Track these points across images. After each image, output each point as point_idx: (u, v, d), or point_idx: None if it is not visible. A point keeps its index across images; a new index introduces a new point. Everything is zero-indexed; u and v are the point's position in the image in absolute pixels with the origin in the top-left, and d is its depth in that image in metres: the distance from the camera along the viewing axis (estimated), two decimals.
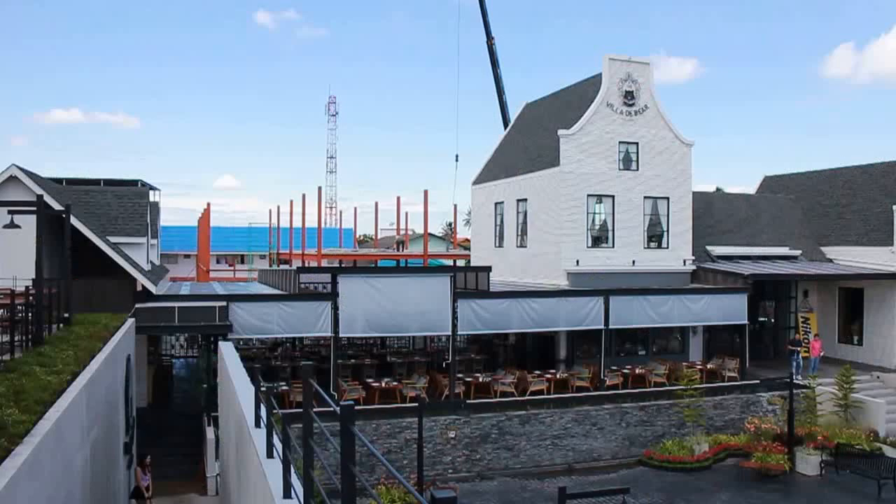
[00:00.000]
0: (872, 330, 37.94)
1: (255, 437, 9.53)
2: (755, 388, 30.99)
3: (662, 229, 35.04)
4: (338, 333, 26.62)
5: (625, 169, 34.09)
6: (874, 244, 38.40)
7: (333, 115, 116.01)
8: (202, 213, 68.46)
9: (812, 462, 26.55)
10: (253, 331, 26.41)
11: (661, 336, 34.34)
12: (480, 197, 42.52)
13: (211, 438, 22.63)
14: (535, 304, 28.88)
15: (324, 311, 26.31)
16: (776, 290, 39.97)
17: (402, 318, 27.13)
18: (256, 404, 10.58)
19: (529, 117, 43.07)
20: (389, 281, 27.38)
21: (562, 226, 33.11)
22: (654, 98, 34.79)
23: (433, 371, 30.49)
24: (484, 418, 26.41)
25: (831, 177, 44.52)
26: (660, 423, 28.84)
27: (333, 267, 42.41)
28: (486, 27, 57.74)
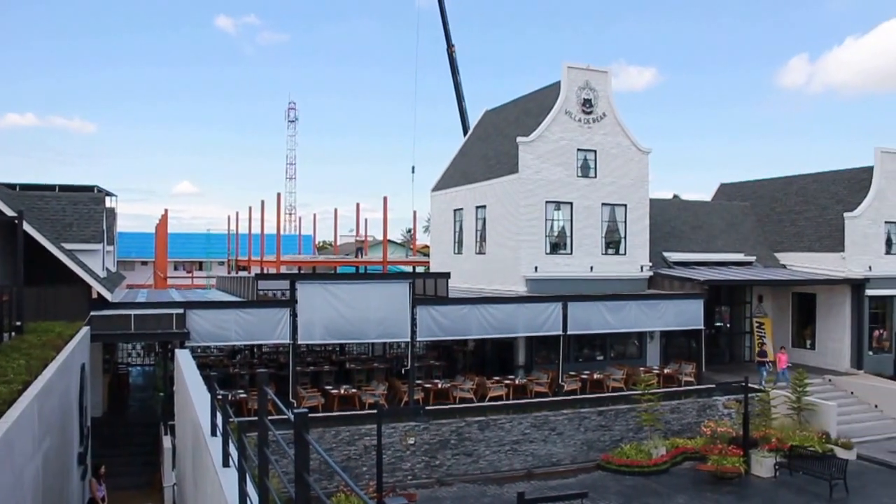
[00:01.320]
0: (825, 334, 38.60)
1: (211, 446, 9.42)
2: (711, 393, 31.33)
3: (620, 236, 35.31)
4: (296, 340, 26.45)
5: (583, 176, 34.32)
6: (826, 250, 39.09)
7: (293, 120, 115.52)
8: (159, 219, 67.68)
9: (766, 464, 26.91)
10: (211, 338, 26.14)
11: (618, 341, 34.59)
12: (440, 203, 42.54)
13: (168, 447, 22.33)
14: (493, 310, 28.94)
15: (282, 317, 26.13)
16: (731, 296, 40.52)
17: (361, 324, 27.03)
18: (212, 412, 10.46)
19: (489, 124, 43.20)
20: (348, 287, 27.27)
21: (520, 232, 33.23)
22: (612, 106, 35.08)
23: (392, 378, 30.43)
24: (443, 424, 26.38)
25: (785, 184, 45.26)
26: (618, 427, 29.03)
27: (292, 273, 42.15)
28: (447, 35, 57.81)
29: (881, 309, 38.53)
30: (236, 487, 7.34)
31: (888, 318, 38.73)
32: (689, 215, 42.43)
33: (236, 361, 33.50)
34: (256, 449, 6.80)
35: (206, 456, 9.62)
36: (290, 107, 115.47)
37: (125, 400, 32.04)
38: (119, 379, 34.05)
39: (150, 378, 36.44)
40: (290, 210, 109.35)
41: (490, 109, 44.78)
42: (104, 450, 23.71)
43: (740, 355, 40.58)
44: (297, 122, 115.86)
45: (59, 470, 15.40)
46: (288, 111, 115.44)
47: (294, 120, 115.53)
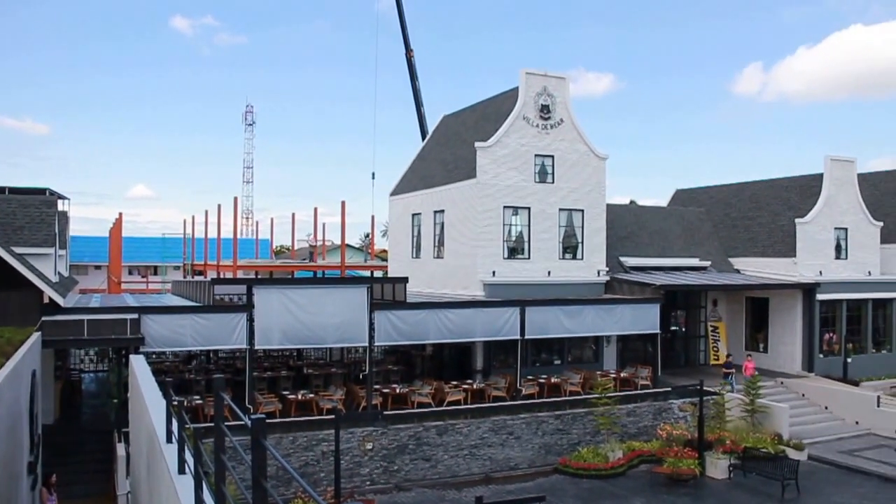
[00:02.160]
0: (777, 338, 39.23)
1: (167, 453, 9.27)
2: (667, 396, 31.65)
3: (577, 241, 35.53)
4: (253, 346, 26.19)
5: (540, 181, 34.48)
6: (778, 255, 39.73)
7: (250, 124, 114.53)
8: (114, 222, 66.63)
9: (721, 466, 27.22)
10: (166, 343, 25.78)
11: (576, 346, 34.76)
12: (398, 208, 42.48)
13: (122, 455, 21.96)
14: (451, 314, 28.93)
15: (239, 322, 25.87)
16: (687, 300, 40.98)
17: (318, 329, 26.86)
18: (168, 419, 10.31)
19: (447, 129, 43.24)
20: (306, 292, 27.09)
21: (478, 237, 33.29)
22: (569, 112, 35.30)
23: (350, 383, 30.28)
24: (401, 429, 26.30)
25: (738, 190, 45.93)
26: (575, 431, 29.17)
27: (249, 278, 41.79)
28: (405, 40, 57.89)
29: (831, 313, 39.24)
30: (192, 494, 7.23)
31: (838, 322, 39.44)
32: (645, 221, 42.83)
33: (192, 367, 33.09)
34: (213, 455, 6.70)
35: (161, 463, 9.46)
36: (247, 110, 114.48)
37: (78, 407, 31.48)
38: (72, 385, 33.43)
39: (103, 384, 35.85)
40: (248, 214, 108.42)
41: (448, 114, 44.83)
42: (56, 458, 23.28)
43: (696, 359, 41.02)
44: (254, 125, 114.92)
45: (8, 479, 15.07)
46: (245, 114, 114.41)
47: (252, 123, 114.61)
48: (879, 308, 41.33)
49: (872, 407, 33.20)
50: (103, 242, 73.32)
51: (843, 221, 40.39)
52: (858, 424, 33.38)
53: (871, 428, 32.94)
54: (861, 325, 40.54)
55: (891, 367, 40.64)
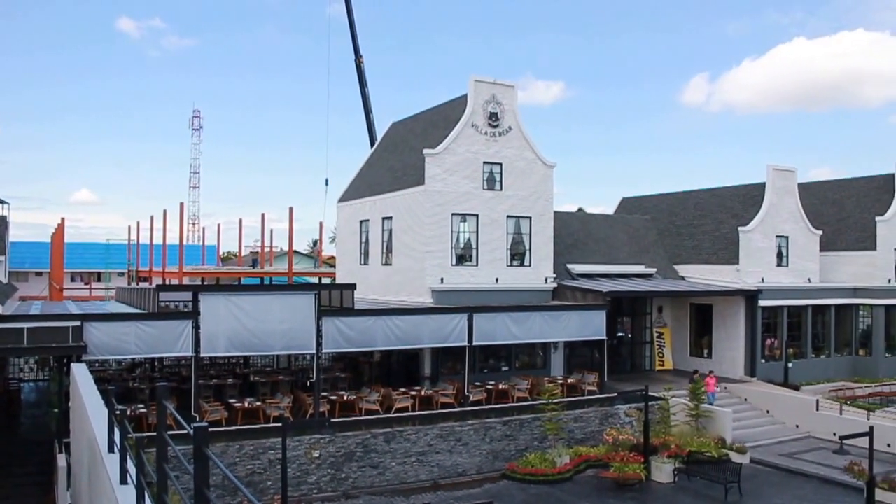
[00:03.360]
0: (721, 343, 39.93)
1: (108, 463, 9.12)
2: (613, 401, 31.97)
3: (525, 248, 35.77)
4: (199, 353, 25.89)
5: (489, 188, 34.67)
6: (722, 262, 40.46)
7: (197, 129, 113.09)
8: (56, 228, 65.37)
9: (666, 470, 27.59)
10: (109, 352, 25.32)
11: (523, 352, 34.97)
12: (346, 214, 42.36)
13: (62, 466, 21.52)
14: (399, 321, 28.91)
15: (184, 330, 25.54)
16: (633, 307, 41.48)
17: (265, 336, 26.64)
18: (110, 428, 10.14)
19: (396, 136, 43.27)
20: (252, 299, 26.86)
21: (426, 244, 33.34)
22: (517, 120, 35.56)
23: (297, 390, 30.09)
24: (349, 437, 26.20)
25: (683, 199, 46.73)
26: (522, 437, 29.32)
27: (195, 285, 41.32)
28: (355, 46, 57.74)
29: (773, 319, 40.05)
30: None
31: (779, 328, 40.26)
32: (592, 228, 43.32)
33: (136, 375, 32.60)
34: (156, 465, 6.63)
35: (102, 474, 9.31)
36: (194, 114, 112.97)
37: (16, 417, 30.82)
38: (10, 395, 32.73)
39: (43, 394, 35.14)
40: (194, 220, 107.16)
41: (397, 121, 44.88)
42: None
43: (641, 365, 41.55)
44: (201, 130, 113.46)
45: None
46: (192, 119, 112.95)
47: (199, 128, 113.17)
48: (819, 314, 42.29)
49: (812, 410, 33.92)
50: (45, 248, 71.90)
51: (785, 230, 41.29)
52: (798, 428, 34.09)
53: (810, 431, 33.66)
54: (801, 330, 41.43)
55: (830, 372, 41.63)
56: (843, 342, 43.70)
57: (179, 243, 54.85)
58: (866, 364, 43.35)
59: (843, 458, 25.27)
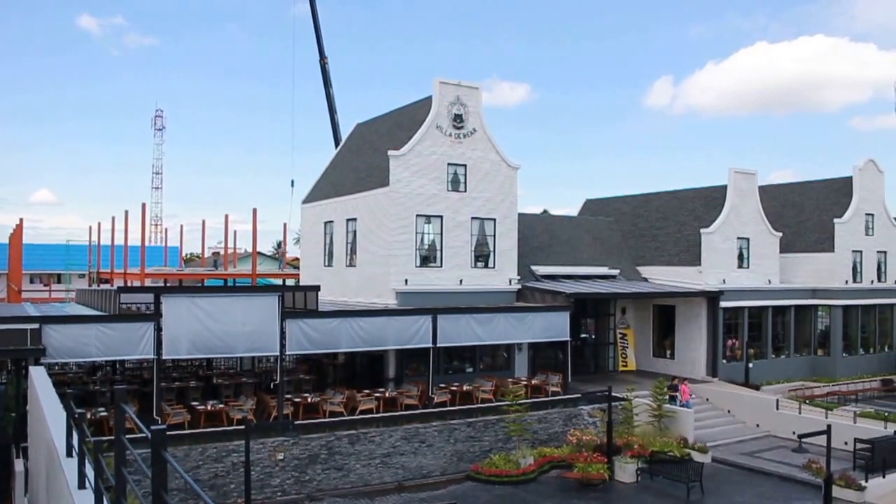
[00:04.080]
0: (683, 344, 40.33)
1: (66, 468, 9.02)
2: (577, 402, 32.15)
3: (489, 249, 35.85)
4: (161, 355, 25.63)
5: (453, 190, 34.70)
6: (684, 264, 40.88)
7: (160, 129, 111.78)
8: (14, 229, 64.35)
9: (629, 470, 27.82)
10: (69, 354, 25.01)
11: (487, 353, 35.05)
12: (310, 216, 42.20)
13: (20, 471, 21.20)
14: (364, 323, 28.87)
15: (146, 332, 25.27)
16: (596, 308, 41.76)
17: (228, 338, 26.44)
18: (68, 432, 10.02)
19: (361, 137, 43.19)
20: (216, 300, 26.65)
21: (391, 245, 33.30)
22: (482, 122, 35.64)
23: (261, 392, 29.90)
24: (313, 439, 26.10)
25: (646, 201, 47.17)
26: (487, 438, 29.39)
27: (157, 286, 40.94)
28: (320, 46, 57.59)
29: (734, 319, 40.56)
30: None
31: (740, 329, 40.78)
32: (556, 230, 43.57)
33: (97, 378, 32.20)
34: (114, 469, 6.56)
35: (60, 478, 9.20)
36: (157, 114, 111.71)
37: None
38: None
39: (0, 397, 34.56)
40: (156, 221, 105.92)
41: (362, 122, 44.80)
42: None
43: (605, 365, 41.85)
44: (164, 130, 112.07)
45: None
46: (155, 119, 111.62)
47: (161, 128, 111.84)
48: (779, 315, 42.90)
49: (772, 410, 34.38)
50: (2, 249, 70.69)
51: (746, 231, 41.82)
52: (759, 427, 34.53)
53: (770, 430, 34.12)
54: (762, 331, 42.01)
55: (789, 372, 42.28)
56: (803, 342, 44.39)
57: (141, 244, 54.23)
58: (825, 364, 44.08)
59: (801, 456, 25.67)
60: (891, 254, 48.27)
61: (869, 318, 46.49)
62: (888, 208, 48.83)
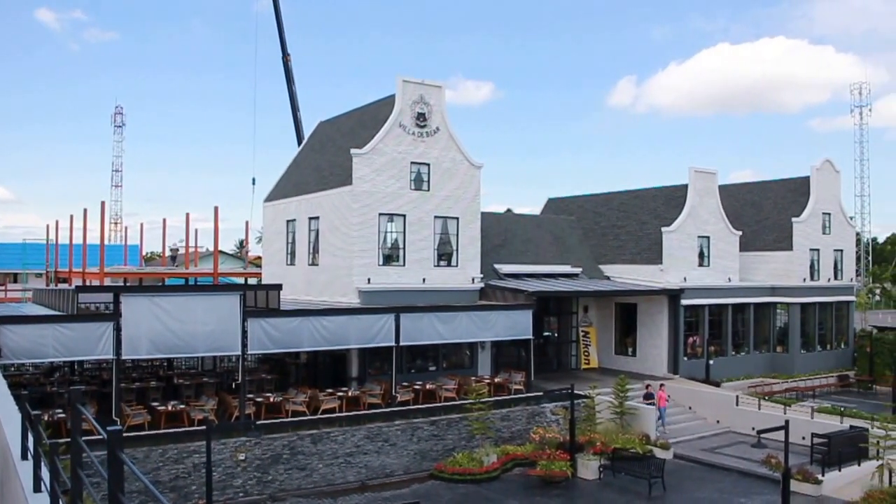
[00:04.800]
0: (645, 342, 40.70)
1: (21, 471, 8.86)
2: (540, 400, 32.28)
3: (452, 248, 35.85)
4: (120, 356, 25.32)
5: (416, 189, 34.65)
6: (645, 262, 41.21)
7: (120, 125, 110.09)
8: None
9: (592, 467, 28.00)
10: (25, 355, 24.60)
11: (451, 352, 35.10)
12: (272, 214, 41.92)
13: None
14: (326, 322, 28.75)
15: (105, 332, 24.93)
16: (559, 306, 41.96)
17: (189, 338, 26.18)
18: (24, 434, 9.86)
19: (323, 135, 43.00)
20: (176, 300, 26.37)
21: (353, 244, 33.17)
22: (445, 120, 35.63)
23: (223, 392, 29.68)
24: (275, 439, 25.93)
25: (608, 200, 47.50)
26: (450, 436, 29.40)
27: (117, 286, 40.39)
28: (283, 44, 57.29)
29: (695, 317, 40.98)
30: None
31: (701, 326, 41.21)
32: (519, 228, 43.72)
33: (55, 379, 31.72)
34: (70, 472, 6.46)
35: (15, 481, 9.04)
36: (117, 111, 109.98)
37: None
38: None
39: None
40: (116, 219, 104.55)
41: (324, 120, 44.60)
42: None
43: (567, 363, 42.06)
44: (124, 127, 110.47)
45: None
46: (115, 115, 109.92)
47: (121, 125, 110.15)
48: (738, 312, 43.42)
49: (732, 406, 34.80)
50: None
51: (706, 230, 42.25)
52: (719, 423, 34.94)
53: (730, 426, 34.53)
54: (722, 328, 42.51)
55: (749, 368, 42.85)
56: (762, 339, 44.98)
57: (100, 243, 53.53)
58: (783, 360, 44.73)
59: (760, 451, 26.07)
60: (847, 252, 49.14)
61: (826, 315, 47.22)
62: (844, 207, 49.69)
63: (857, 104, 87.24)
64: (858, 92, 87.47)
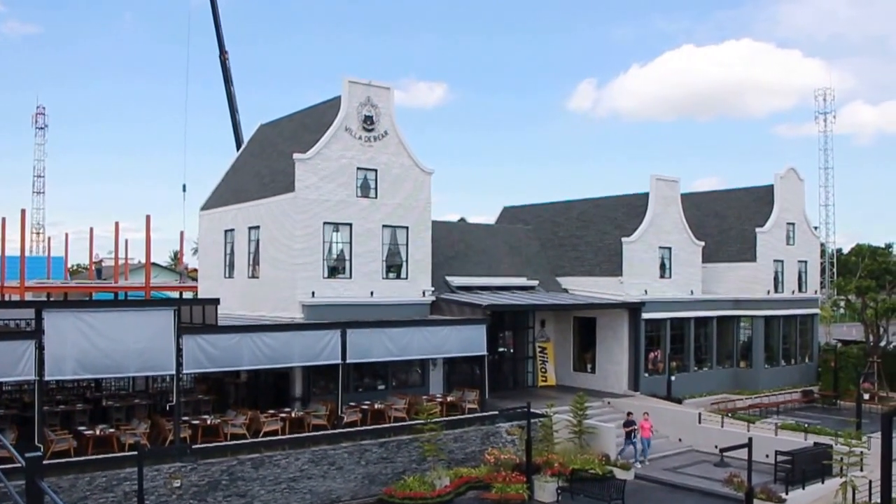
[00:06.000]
0: (604, 357, 41.00)
1: None
2: (495, 420, 32.36)
3: (402, 259, 35.80)
4: (43, 376, 24.76)
5: (363, 196, 34.56)
6: (605, 274, 41.56)
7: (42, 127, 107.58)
8: None
9: (549, 489, 28.09)
10: None
11: (400, 369, 35.02)
12: (209, 223, 41.48)
13: None
14: (267, 338, 28.47)
15: (26, 351, 24.34)
16: (514, 321, 42.10)
17: (119, 357, 25.71)
18: None
19: (264, 139, 42.71)
20: (105, 316, 25.91)
21: (296, 255, 32.95)
22: (394, 124, 35.62)
23: (156, 415, 29.23)
24: (213, 464, 25.62)
25: (566, 209, 47.84)
26: (400, 459, 29.31)
27: (39, 301, 39.59)
28: (220, 41, 56.74)
29: (656, 331, 41.44)
30: None
31: (662, 341, 41.68)
32: (472, 239, 43.80)
33: None
34: None
35: None
36: (38, 111, 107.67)
37: None
38: None
39: None
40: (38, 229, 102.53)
41: (265, 123, 44.30)
42: None
43: (524, 381, 42.18)
44: (46, 129, 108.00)
45: None
46: (35, 116, 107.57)
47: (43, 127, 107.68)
48: (701, 326, 44.00)
49: (694, 424, 35.24)
50: None
51: (668, 241, 42.76)
52: (681, 442, 35.34)
53: (693, 445, 34.95)
54: (684, 343, 43.03)
55: (712, 385, 43.41)
56: (725, 354, 45.63)
57: (21, 255, 52.47)
58: (747, 376, 45.44)
59: (723, 470, 26.52)
60: (811, 263, 50.10)
61: (790, 328, 48.08)
62: (808, 217, 50.70)
63: (822, 111, 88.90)
64: (823, 98, 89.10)
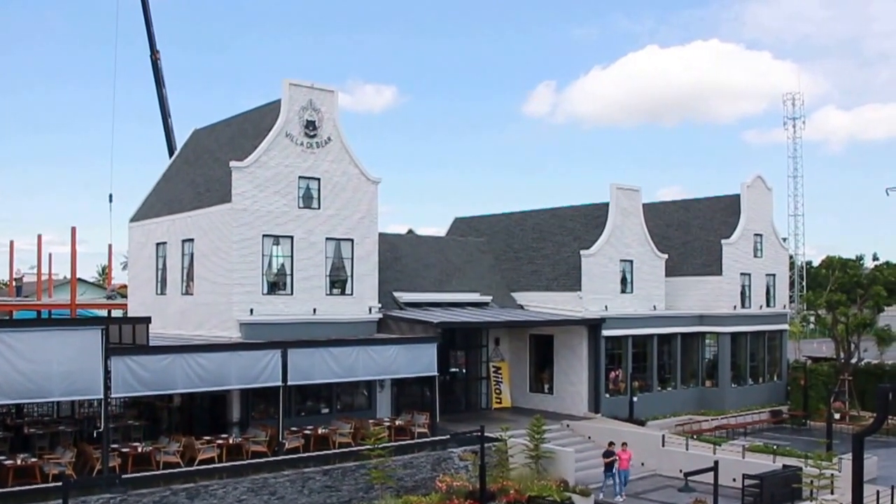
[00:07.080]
0: (562, 377, 41.54)
1: None
2: (446, 444, 32.62)
3: (346, 274, 35.98)
4: None
5: (305, 207, 34.72)
6: (563, 289, 42.09)
7: None
8: None
9: None
10: None
11: (345, 392, 35.20)
12: (139, 236, 41.34)
13: None
14: (202, 359, 28.50)
15: None
16: (467, 339, 42.47)
17: (41, 380, 25.61)
18: None
19: (198, 145, 42.71)
20: (25, 336, 25.78)
21: (234, 270, 32.99)
22: (338, 129, 35.85)
23: (82, 442, 29.16)
24: (144, 495, 25.58)
25: (521, 219, 48.31)
26: (346, 487, 29.48)
27: None
28: (151, 39, 56.65)
29: (617, 349, 42.10)
30: None
31: (623, 359, 42.32)
32: (422, 252, 44.07)
33: None
34: None
35: None
36: None
37: None
38: None
39: None
40: None
41: (200, 129, 44.30)
42: None
43: (477, 402, 42.56)
44: None
45: None
46: None
47: None
48: (664, 344, 44.76)
49: (658, 447, 35.80)
50: None
51: (629, 253, 43.49)
52: (644, 465, 35.85)
53: (656, 469, 35.52)
54: (647, 361, 43.75)
55: (676, 405, 44.10)
56: (690, 373, 46.42)
57: None
58: (713, 395, 46.27)
59: (688, 495, 27.00)
60: (780, 277, 51.16)
61: (758, 345, 49.02)
62: (777, 228, 51.78)
63: (791, 116, 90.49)
64: (791, 102, 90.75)
